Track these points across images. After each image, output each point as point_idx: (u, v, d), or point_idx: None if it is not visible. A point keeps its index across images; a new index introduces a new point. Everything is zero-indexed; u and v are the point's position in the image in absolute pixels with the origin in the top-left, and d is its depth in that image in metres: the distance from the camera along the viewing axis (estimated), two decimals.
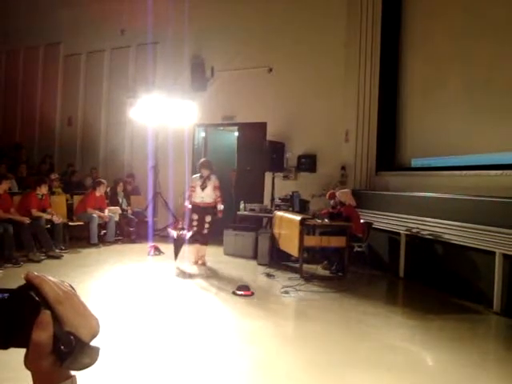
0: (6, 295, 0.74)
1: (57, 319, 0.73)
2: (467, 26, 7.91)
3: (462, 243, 6.63)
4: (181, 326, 5.23)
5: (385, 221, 8.34)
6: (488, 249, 6.16)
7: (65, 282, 0.81)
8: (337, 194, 8.41)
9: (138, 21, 11.76)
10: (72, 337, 0.73)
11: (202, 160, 8.74)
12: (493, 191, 6.45)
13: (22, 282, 0.77)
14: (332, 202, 8.71)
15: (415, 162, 8.99)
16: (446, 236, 6.92)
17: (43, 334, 0.72)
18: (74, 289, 0.81)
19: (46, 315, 0.72)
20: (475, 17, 7.78)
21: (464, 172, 7.46)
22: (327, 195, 8.96)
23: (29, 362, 0.74)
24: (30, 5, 13.64)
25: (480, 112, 7.52)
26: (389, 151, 9.67)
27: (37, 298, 0.73)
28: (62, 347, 0.72)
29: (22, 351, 0.74)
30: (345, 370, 4.11)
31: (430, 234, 7.29)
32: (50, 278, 0.78)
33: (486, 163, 7.20)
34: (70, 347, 0.73)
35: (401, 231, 7.95)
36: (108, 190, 10.75)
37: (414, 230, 7.60)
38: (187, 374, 3.99)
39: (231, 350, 4.56)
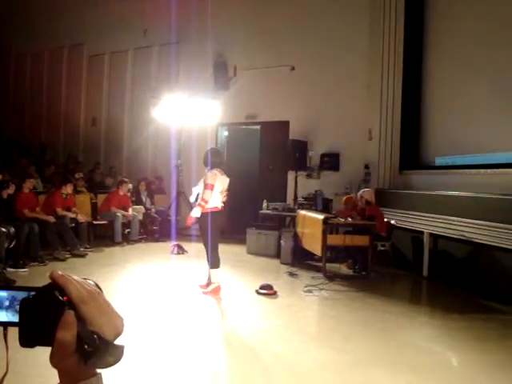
0: (32, 294, 0.76)
1: (81, 319, 0.74)
2: (492, 24, 7.78)
3: (487, 242, 6.52)
4: (203, 324, 5.26)
5: (409, 220, 8.26)
6: None
7: (90, 281, 0.81)
8: (362, 193, 8.36)
9: (160, 20, 11.85)
10: (96, 336, 0.74)
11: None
12: None
13: (48, 280, 0.78)
14: (348, 205, 8.62)
15: (439, 161, 8.87)
16: (471, 235, 6.81)
17: (67, 333, 0.73)
18: (99, 287, 0.82)
19: (69, 315, 0.73)
20: (500, 15, 7.66)
21: (489, 170, 7.35)
22: (343, 200, 8.86)
23: (54, 361, 0.75)
24: (53, 6, 13.78)
25: (506, 109, 7.39)
26: (412, 149, 9.56)
27: (61, 298, 0.74)
28: (86, 346, 0.73)
29: (49, 349, 0.76)
30: (368, 370, 4.08)
31: (454, 234, 7.20)
32: (75, 277, 0.79)
33: None
34: (94, 346, 0.74)
35: (425, 230, 7.87)
36: (130, 187, 10.82)
37: (439, 229, 7.51)
38: (209, 370, 4.01)
39: (253, 348, 4.56)
